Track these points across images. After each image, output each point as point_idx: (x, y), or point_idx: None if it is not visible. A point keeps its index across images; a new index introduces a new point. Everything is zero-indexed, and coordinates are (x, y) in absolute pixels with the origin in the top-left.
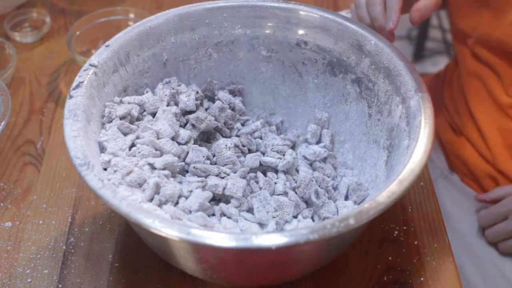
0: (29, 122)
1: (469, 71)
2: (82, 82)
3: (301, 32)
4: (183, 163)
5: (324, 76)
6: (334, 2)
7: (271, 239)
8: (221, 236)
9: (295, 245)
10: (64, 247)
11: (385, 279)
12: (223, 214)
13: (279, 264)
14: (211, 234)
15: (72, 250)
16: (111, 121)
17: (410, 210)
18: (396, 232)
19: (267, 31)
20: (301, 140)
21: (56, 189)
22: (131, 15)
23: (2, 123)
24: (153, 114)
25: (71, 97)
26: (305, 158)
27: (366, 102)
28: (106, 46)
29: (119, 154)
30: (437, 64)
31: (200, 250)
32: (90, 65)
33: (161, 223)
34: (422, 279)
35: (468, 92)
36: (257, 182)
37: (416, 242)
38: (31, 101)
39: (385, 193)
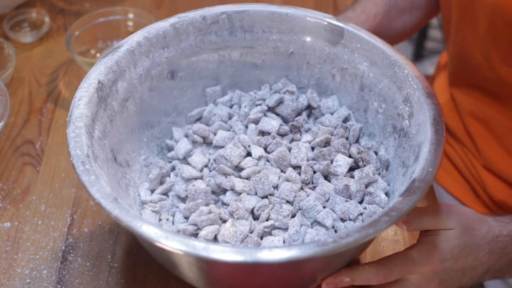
0: (28, 122)
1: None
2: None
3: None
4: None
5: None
6: (333, 2)
7: (276, 254)
8: (229, 251)
9: (304, 260)
10: (63, 248)
11: None
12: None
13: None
14: (219, 248)
15: (71, 251)
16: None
17: None
18: (396, 232)
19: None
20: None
21: (55, 190)
22: (130, 15)
23: (1, 123)
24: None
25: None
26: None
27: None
28: None
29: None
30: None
31: (208, 264)
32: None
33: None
34: None
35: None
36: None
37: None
38: (30, 101)
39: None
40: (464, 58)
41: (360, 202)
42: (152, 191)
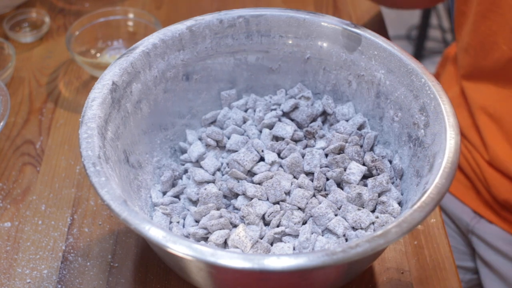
0: (28, 122)
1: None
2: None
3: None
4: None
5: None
6: (333, 2)
7: (284, 262)
8: (237, 257)
9: (312, 268)
10: (63, 247)
11: (384, 279)
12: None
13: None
14: (226, 254)
15: (72, 251)
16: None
17: None
18: None
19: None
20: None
21: (56, 190)
22: (130, 15)
23: (1, 123)
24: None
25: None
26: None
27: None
28: None
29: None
30: (437, 64)
31: (216, 270)
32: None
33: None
34: (422, 279)
35: None
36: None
37: (416, 242)
38: (30, 101)
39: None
40: (486, 49)
41: (373, 211)
42: (164, 193)
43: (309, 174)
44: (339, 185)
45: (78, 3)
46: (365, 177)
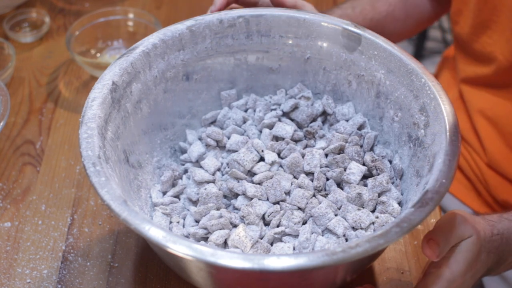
0: (28, 122)
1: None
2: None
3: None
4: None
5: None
6: (333, 3)
7: (284, 262)
8: (237, 257)
9: (312, 268)
10: (63, 247)
11: (384, 279)
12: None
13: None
14: (226, 254)
15: (72, 251)
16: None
17: None
18: None
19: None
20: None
21: (56, 190)
22: (131, 15)
23: (1, 123)
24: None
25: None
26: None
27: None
28: None
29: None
30: (436, 65)
31: (217, 270)
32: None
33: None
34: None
35: None
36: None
37: (416, 242)
38: (30, 101)
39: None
40: (485, 59)
41: (373, 211)
42: (164, 193)
43: (309, 174)
44: (339, 185)
45: (78, 3)
46: (365, 177)
